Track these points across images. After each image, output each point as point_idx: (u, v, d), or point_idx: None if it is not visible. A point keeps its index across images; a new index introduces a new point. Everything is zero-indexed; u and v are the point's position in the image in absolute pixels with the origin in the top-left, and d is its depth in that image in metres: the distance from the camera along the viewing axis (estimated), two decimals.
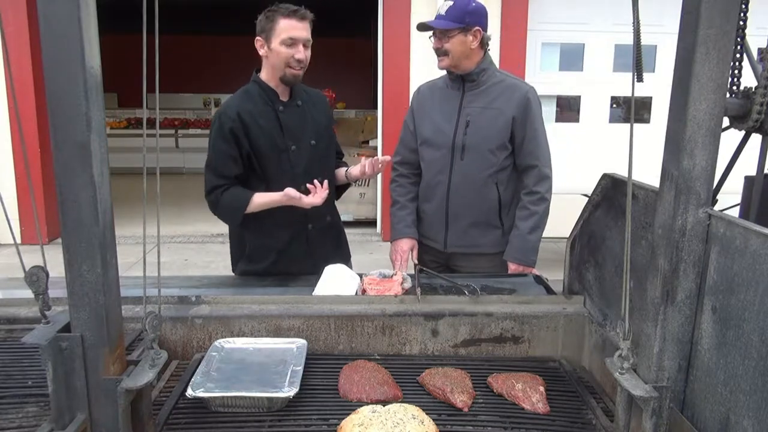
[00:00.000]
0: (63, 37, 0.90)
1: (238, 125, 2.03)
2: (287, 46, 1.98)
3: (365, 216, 6.72)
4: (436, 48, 2.17)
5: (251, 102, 2.08)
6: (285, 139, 2.10)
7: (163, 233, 1.24)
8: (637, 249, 1.27)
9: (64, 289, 0.99)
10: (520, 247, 2.21)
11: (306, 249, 2.19)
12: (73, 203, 0.96)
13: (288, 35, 1.97)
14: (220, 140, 2.05)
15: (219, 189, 2.06)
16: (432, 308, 1.58)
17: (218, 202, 2.06)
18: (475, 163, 2.21)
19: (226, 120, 2.03)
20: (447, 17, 2.12)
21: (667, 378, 1.08)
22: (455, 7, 2.11)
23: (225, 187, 2.06)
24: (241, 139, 2.04)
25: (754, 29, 2.21)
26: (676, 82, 1.02)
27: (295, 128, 2.12)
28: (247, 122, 2.04)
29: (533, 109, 2.18)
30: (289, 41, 1.98)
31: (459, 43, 2.13)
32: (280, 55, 1.99)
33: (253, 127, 2.05)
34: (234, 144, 2.04)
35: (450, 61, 2.17)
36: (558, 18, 5.95)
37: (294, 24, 1.97)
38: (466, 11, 2.11)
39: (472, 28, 2.12)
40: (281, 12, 1.98)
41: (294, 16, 1.97)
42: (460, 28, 2.11)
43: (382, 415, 1.15)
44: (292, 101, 2.14)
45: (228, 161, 2.05)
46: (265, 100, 2.09)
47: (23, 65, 5.45)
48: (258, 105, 2.08)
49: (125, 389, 1.01)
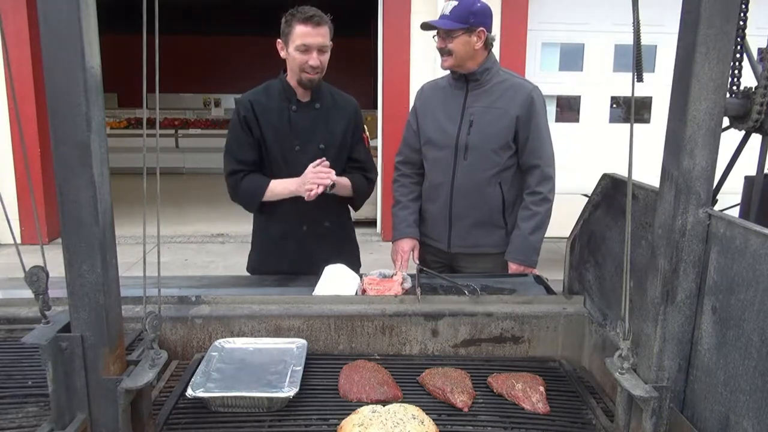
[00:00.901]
0: (63, 37, 0.90)
1: (251, 114, 2.09)
2: (301, 52, 1.99)
3: (365, 216, 6.71)
4: (440, 48, 2.17)
5: (268, 96, 2.14)
6: (292, 138, 2.11)
7: (163, 233, 1.24)
8: (637, 249, 1.27)
9: (64, 289, 0.99)
10: (522, 247, 2.21)
11: (298, 249, 2.19)
12: (73, 203, 0.95)
13: (302, 42, 1.98)
14: (236, 127, 2.13)
15: (239, 173, 2.12)
16: (432, 308, 1.58)
17: (238, 187, 2.12)
18: (478, 163, 2.20)
19: (241, 108, 2.12)
20: (451, 17, 2.11)
21: (667, 378, 1.08)
22: (460, 7, 2.10)
23: (245, 172, 2.12)
24: (254, 128, 2.10)
25: (754, 29, 2.21)
26: (676, 82, 1.02)
27: (305, 129, 2.13)
28: (258, 113, 2.09)
29: (537, 108, 2.17)
30: (303, 47, 1.99)
31: (463, 43, 2.12)
32: (296, 61, 2.02)
33: (262, 119, 2.10)
34: (248, 131, 2.10)
35: (453, 61, 2.17)
36: (558, 18, 5.96)
37: (308, 30, 1.98)
38: (470, 11, 2.10)
39: (476, 29, 2.11)
40: (298, 17, 1.98)
41: (309, 22, 1.97)
42: (464, 28, 2.10)
43: (382, 415, 1.15)
44: (310, 103, 2.14)
45: (245, 147, 2.12)
46: (282, 98, 2.13)
47: (23, 65, 5.45)
48: (274, 100, 2.13)
49: (125, 389, 1.01)
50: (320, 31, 1.99)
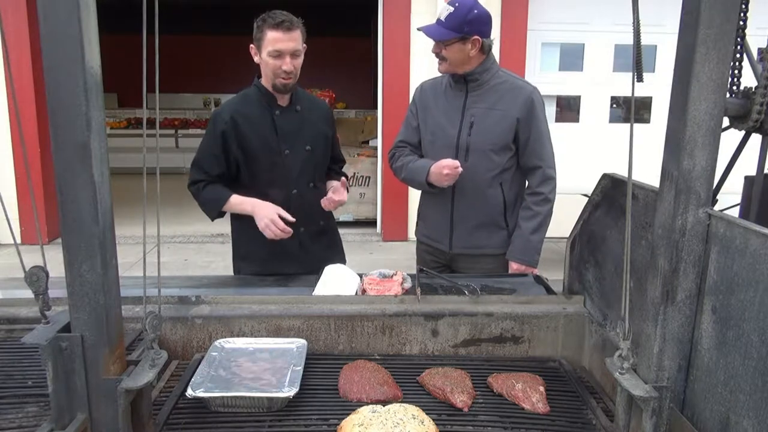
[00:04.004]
0: (63, 37, 0.90)
1: (230, 128, 2.08)
2: (274, 57, 2.00)
3: (365, 216, 6.71)
4: (435, 53, 2.16)
5: (248, 105, 2.12)
6: (279, 142, 2.12)
7: (163, 233, 1.24)
8: (637, 249, 1.27)
9: (64, 289, 0.99)
10: (523, 247, 2.21)
11: (297, 251, 2.20)
12: (73, 203, 0.96)
13: (273, 48, 1.98)
14: (209, 139, 2.12)
15: (200, 183, 2.14)
16: (432, 308, 1.58)
17: (198, 195, 2.15)
18: (479, 165, 2.19)
19: (219, 122, 2.10)
20: (446, 24, 2.09)
21: (667, 378, 1.08)
22: (454, 15, 2.07)
23: (206, 182, 2.13)
24: (230, 142, 2.09)
25: (754, 29, 2.21)
26: (676, 82, 1.02)
27: (291, 133, 2.14)
28: (240, 125, 2.08)
29: (537, 110, 2.17)
30: (275, 53, 1.99)
31: (457, 51, 2.11)
32: (269, 66, 2.02)
33: (246, 130, 2.09)
34: (221, 145, 2.10)
35: (448, 67, 2.17)
36: (558, 18, 5.96)
37: (279, 36, 1.97)
38: (465, 20, 2.06)
39: (470, 37, 2.09)
40: (268, 23, 1.98)
41: (280, 28, 1.96)
42: (457, 37, 2.08)
43: (382, 415, 1.15)
44: (290, 106, 2.15)
45: (212, 159, 2.12)
46: (262, 104, 2.12)
47: (23, 65, 5.45)
48: (255, 108, 2.12)
49: (125, 389, 1.01)
50: (292, 36, 1.99)
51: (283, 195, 2.14)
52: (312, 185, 2.20)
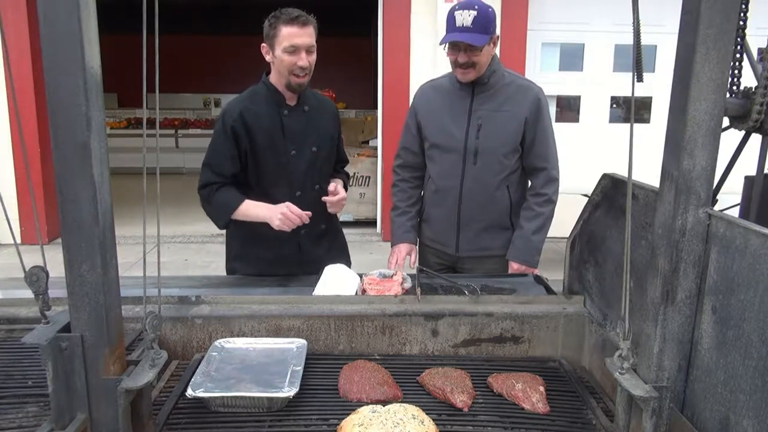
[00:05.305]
0: (63, 37, 0.90)
1: (240, 124, 2.03)
2: (289, 53, 1.97)
3: (365, 216, 6.71)
4: (462, 62, 2.05)
5: (256, 103, 2.09)
6: (286, 142, 2.09)
7: (163, 233, 1.24)
8: (637, 249, 1.27)
9: (64, 289, 0.99)
10: (524, 247, 2.20)
11: (298, 254, 2.18)
12: (73, 203, 0.96)
13: (290, 43, 1.96)
14: (220, 138, 2.06)
15: (213, 185, 2.06)
16: (432, 308, 1.58)
17: (210, 198, 2.06)
18: (488, 168, 2.16)
19: (228, 119, 2.05)
20: (476, 29, 2.00)
21: (667, 378, 1.08)
22: (481, 18, 1.99)
23: (219, 184, 2.06)
24: (242, 137, 2.04)
25: (754, 29, 2.21)
26: (676, 82, 1.02)
27: (298, 133, 2.11)
28: (249, 122, 2.04)
29: (543, 110, 2.14)
30: (291, 49, 1.96)
31: (487, 54, 2.06)
32: (284, 63, 1.98)
33: (254, 127, 2.05)
34: (234, 142, 2.04)
35: (477, 73, 2.09)
36: (558, 18, 5.95)
37: (295, 31, 1.95)
38: (489, 20, 2.00)
39: (494, 36, 2.06)
40: (282, 19, 1.96)
41: (295, 23, 1.95)
42: (488, 40, 2.02)
43: (382, 415, 1.15)
44: (298, 106, 2.12)
45: (225, 160, 2.05)
46: (270, 103, 2.09)
47: (23, 65, 5.45)
48: (263, 106, 2.08)
49: (125, 389, 1.01)
50: (307, 31, 1.97)
51: (286, 196, 2.09)
52: (317, 187, 2.17)
